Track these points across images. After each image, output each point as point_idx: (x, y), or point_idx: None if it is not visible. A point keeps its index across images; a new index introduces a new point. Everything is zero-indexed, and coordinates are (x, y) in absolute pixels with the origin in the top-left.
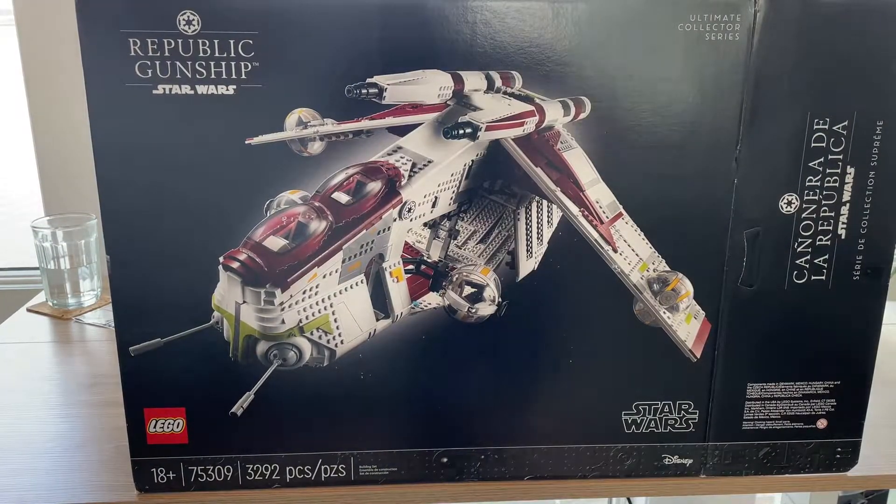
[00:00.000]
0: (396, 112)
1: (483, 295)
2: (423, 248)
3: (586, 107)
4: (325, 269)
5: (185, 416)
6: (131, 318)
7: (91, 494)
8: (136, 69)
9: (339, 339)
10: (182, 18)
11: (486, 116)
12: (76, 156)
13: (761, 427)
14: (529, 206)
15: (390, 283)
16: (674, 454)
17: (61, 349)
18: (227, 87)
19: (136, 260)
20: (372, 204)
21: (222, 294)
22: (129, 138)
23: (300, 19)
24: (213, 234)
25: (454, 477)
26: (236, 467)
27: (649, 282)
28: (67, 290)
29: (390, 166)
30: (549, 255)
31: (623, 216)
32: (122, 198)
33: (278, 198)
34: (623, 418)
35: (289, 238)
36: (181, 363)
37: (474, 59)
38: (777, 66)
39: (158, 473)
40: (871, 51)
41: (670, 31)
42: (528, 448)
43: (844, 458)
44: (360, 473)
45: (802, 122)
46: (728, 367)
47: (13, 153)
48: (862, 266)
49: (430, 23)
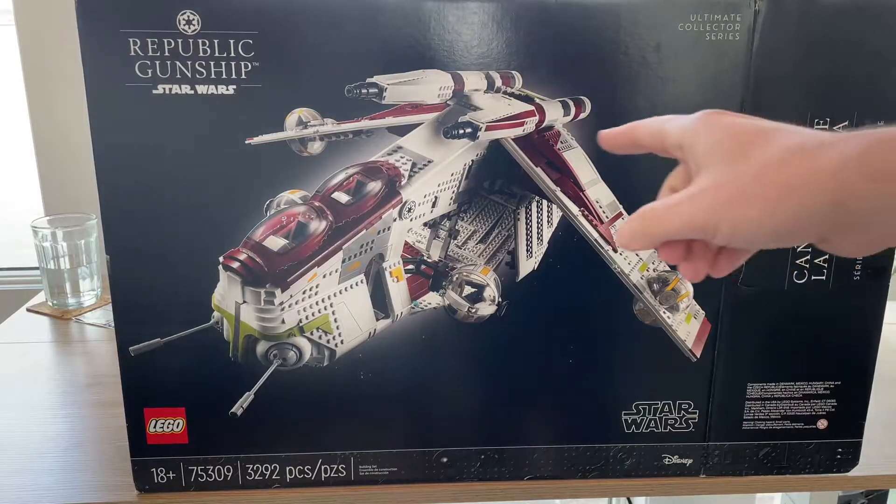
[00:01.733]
0: (396, 112)
1: (483, 295)
2: (423, 248)
3: (586, 107)
4: (325, 269)
5: (185, 416)
6: (131, 318)
7: (91, 494)
8: (136, 69)
9: (339, 339)
10: (182, 18)
11: (486, 116)
12: (76, 156)
13: (761, 427)
14: (529, 206)
15: (390, 283)
16: (674, 454)
17: (61, 349)
18: (227, 87)
19: (136, 260)
20: (372, 204)
21: (222, 294)
22: (129, 138)
23: (300, 19)
24: (213, 234)
25: (454, 477)
26: (236, 467)
27: (649, 282)
28: (67, 290)
29: (390, 166)
30: (549, 255)
31: (623, 216)
32: (122, 198)
33: (278, 198)
34: (623, 418)
35: (289, 238)
36: (181, 363)
37: (474, 58)
38: (777, 66)
39: (158, 473)
40: (871, 51)
41: (670, 31)
42: (527, 448)
43: (845, 459)
44: (360, 473)
45: (802, 122)
46: (728, 367)
47: (8, 155)
48: (862, 266)
49: (431, 23)
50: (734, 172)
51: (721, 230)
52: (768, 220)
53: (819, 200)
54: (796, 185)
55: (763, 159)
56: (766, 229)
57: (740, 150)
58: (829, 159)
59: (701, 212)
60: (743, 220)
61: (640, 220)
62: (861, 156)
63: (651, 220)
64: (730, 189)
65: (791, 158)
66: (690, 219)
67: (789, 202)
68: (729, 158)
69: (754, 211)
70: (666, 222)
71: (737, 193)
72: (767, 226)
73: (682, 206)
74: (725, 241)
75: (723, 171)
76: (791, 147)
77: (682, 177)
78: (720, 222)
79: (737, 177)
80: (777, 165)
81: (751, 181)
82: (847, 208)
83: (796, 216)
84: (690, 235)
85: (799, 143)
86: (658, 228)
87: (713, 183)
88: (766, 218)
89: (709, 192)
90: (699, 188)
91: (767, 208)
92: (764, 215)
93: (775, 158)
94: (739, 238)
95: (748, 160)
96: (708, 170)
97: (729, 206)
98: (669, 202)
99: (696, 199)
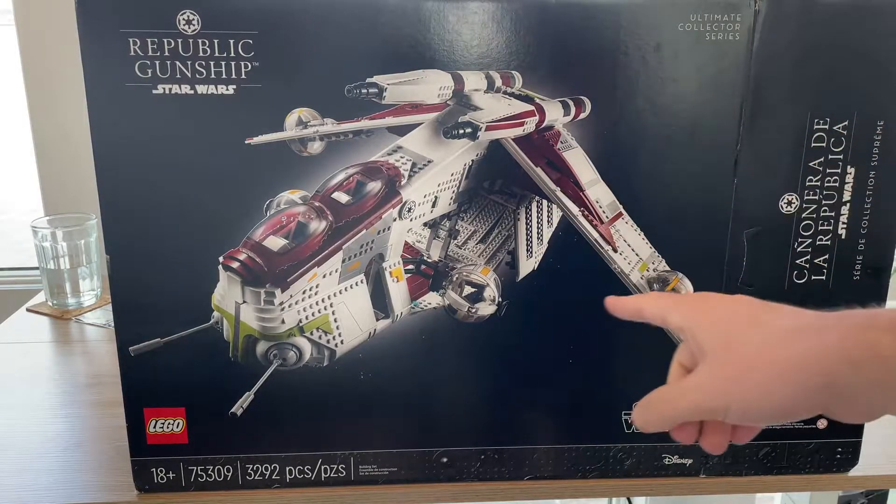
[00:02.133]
0: (396, 112)
1: (483, 295)
2: (423, 247)
3: (586, 107)
4: (324, 269)
5: (185, 416)
6: (131, 318)
7: (91, 494)
8: (136, 69)
9: (339, 339)
10: (182, 18)
11: (486, 116)
12: (76, 156)
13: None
14: (529, 206)
15: (390, 282)
16: (674, 454)
17: (61, 349)
18: (227, 86)
19: (136, 260)
20: (372, 204)
21: (222, 294)
22: (129, 138)
23: (300, 19)
24: (213, 234)
25: (454, 477)
26: (236, 467)
27: (649, 282)
28: (67, 290)
29: (390, 166)
30: (549, 255)
31: (623, 216)
32: (122, 198)
33: (278, 198)
34: (623, 418)
35: (289, 238)
36: (181, 363)
37: (474, 58)
38: (777, 66)
39: (158, 473)
40: (871, 51)
41: (670, 31)
42: (527, 448)
43: (845, 459)
44: (360, 473)
45: (803, 121)
46: None
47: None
48: (862, 266)
49: (431, 23)
50: (732, 361)
51: (731, 412)
52: (768, 402)
53: (811, 382)
54: (787, 370)
55: (756, 347)
56: (769, 410)
57: (734, 341)
58: (813, 345)
59: (709, 399)
60: (748, 404)
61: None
62: (840, 341)
63: (664, 405)
64: (731, 377)
65: (781, 343)
66: (700, 404)
67: (783, 385)
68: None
69: (755, 395)
70: (679, 408)
71: (738, 381)
72: (770, 407)
73: (692, 394)
74: (737, 421)
75: (722, 360)
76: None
77: (688, 354)
78: (730, 404)
79: (735, 366)
80: (770, 351)
81: (748, 369)
82: (835, 387)
83: (792, 396)
84: (702, 417)
85: (787, 327)
86: (672, 413)
87: (717, 372)
88: (766, 400)
89: (714, 381)
90: (705, 376)
91: (766, 392)
92: (763, 398)
93: (767, 344)
94: (748, 418)
95: (742, 349)
96: (709, 358)
97: (733, 393)
98: (681, 390)
99: (704, 386)
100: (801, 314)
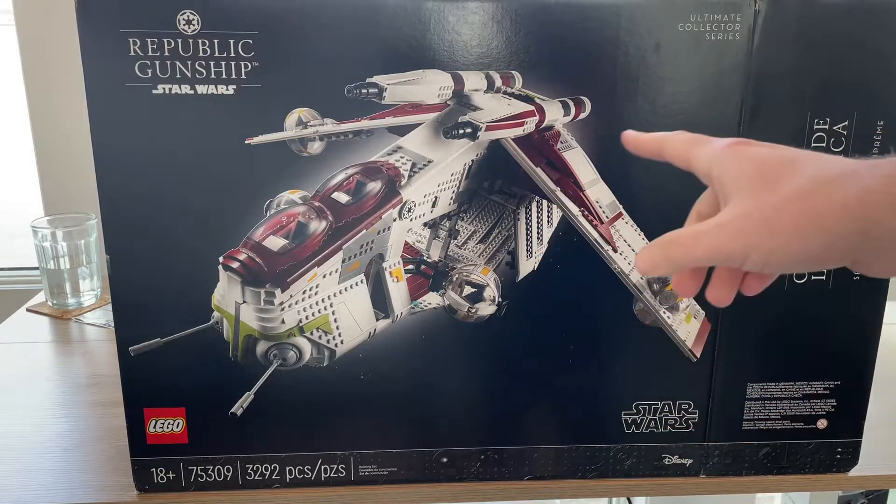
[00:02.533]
0: (396, 112)
1: (483, 295)
2: (423, 248)
3: (586, 107)
4: (324, 269)
5: (185, 416)
6: (131, 318)
7: (91, 494)
8: (135, 69)
9: (339, 339)
10: (182, 18)
11: (486, 116)
12: (76, 156)
13: (761, 427)
14: (529, 206)
15: (390, 283)
16: (674, 454)
17: (61, 349)
18: (227, 87)
19: (136, 260)
20: (372, 204)
21: (222, 294)
22: (128, 138)
23: (300, 19)
24: (213, 234)
25: (454, 477)
26: (236, 467)
27: (649, 282)
28: (67, 290)
29: (390, 166)
30: (549, 255)
31: (623, 216)
32: (122, 198)
33: (278, 198)
34: (623, 418)
35: (289, 238)
36: (181, 363)
37: (474, 58)
38: (777, 66)
39: (158, 473)
40: (871, 51)
41: (670, 31)
42: (527, 448)
43: (845, 459)
44: (360, 473)
45: (802, 121)
46: (728, 367)
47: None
48: None
49: (431, 23)
50: (762, 202)
51: (751, 258)
52: (797, 249)
53: (846, 229)
54: (823, 216)
55: (790, 190)
56: (795, 257)
57: (768, 181)
58: (854, 189)
59: (730, 240)
60: (772, 249)
61: (661, 246)
62: (884, 186)
63: (675, 246)
64: (758, 219)
65: (817, 189)
66: (719, 246)
67: (818, 232)
68: (757, 189)
69: (783, 240)
70: (693, 249)
71: (766, 223)
72: (797, 254)
73: (710, 235)
74: (756, 268)
75: (751, 201)
76: (817, 177)
77: (710, 202)
78: (751, 251)
79: (765, 207)
80: (804, 196)
81: (779, 212)
82: (874, 235)
83: (826, 244)
84: (716, 262)
85: (825, 172)
86: (683, 255)
87: (742, 212)
88: (795, 247)
89: (737, 221)
90: (728, 217)
91: (797, 238)
92: (793, 244)
93: (802, 189)
94: (770, 266)
95: (776, 191)
96: (736, 199)
97: (758, 236)
98: (696, 230)
99: (725, 227)
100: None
